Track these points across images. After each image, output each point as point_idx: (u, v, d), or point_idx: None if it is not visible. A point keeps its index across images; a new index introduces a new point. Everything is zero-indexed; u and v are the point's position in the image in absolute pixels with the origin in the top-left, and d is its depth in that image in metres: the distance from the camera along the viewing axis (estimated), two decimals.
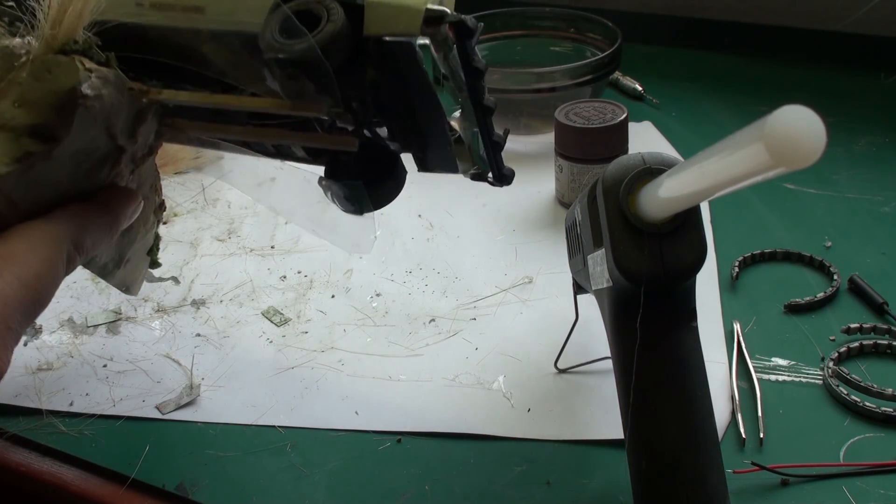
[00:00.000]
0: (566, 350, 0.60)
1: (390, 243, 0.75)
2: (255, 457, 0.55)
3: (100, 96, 0.41)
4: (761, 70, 1.00)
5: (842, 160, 0.82)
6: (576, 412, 0.57)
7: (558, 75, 0.85)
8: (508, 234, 0.75)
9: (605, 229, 0.43)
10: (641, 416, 0.44)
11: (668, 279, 0.42)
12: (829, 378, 0.56)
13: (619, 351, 0.46)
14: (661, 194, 0.39)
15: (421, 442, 0.56)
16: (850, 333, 0.60)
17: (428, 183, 0.84)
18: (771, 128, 0.27)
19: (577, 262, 0.53)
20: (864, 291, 0.64)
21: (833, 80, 0.96)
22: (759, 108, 0.90)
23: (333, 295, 0.69)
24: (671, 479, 0.43)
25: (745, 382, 0.57)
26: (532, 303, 0.67)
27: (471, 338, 0.64)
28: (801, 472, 0.50)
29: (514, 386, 0.59)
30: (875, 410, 0.54)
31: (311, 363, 0.62)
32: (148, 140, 0.48)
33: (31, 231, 0.41)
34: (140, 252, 0.57)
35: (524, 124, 0.89)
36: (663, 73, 1.01)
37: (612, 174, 0.43)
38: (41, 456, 0.57)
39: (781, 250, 0.69)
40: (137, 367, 0.63)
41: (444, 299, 0.68)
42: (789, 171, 0.28)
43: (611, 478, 0.52)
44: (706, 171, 0.33)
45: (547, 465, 0.53)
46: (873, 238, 0.71)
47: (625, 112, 0.75)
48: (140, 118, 0.45)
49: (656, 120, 0.91)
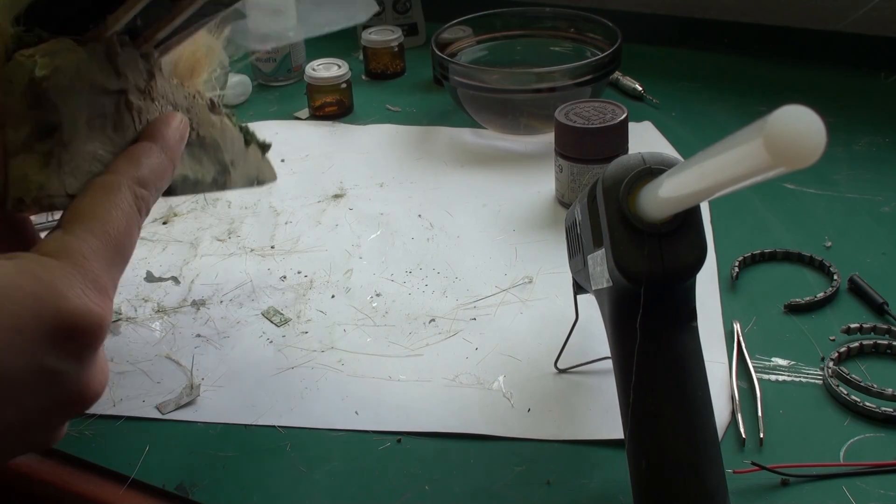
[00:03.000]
0: (566, 350, 0.60)
1: (390, 243, 0.75)
2: (255, 457, 0.55)
3: (57, 68, 0.41)
4: (761, 70, 1.00)
5: (842, 160, 0.82)
6: (576, 412, 0.57)
7: (558, 75, 0.85)
8: (508, 234, 0.75)
9: (605, 229, 0.43)
10: (641, 416, 0.44)
11: (668, 279, 0.42)
12: (829, 378, 0.56)
13: (619, 351, 0.46)
14: (661, 194, 0.39)
15: (421, 442, 0.56)
16: (850, 333, 0.60)
17: (428, 183, 0.85)
18: (771, 128, 0.27)
19: (577, 262, 0.53)
20: (864, 291, 0.64)
21: (833, 80, 0.96)
22: (758, 108, 0.90)
23: (333, 295, 0.69)
24: (671, 479, 0.43)
25: (745, 382, 0.57)
26: (532, 303, 0.67)
27: (471, 338, 0.64)
28: (801, 472, 0.50)
29: (514, 386, 0.59)
30: (875, 410, 0.54)
31: (311, 363, 0.62)
32: (137, 67, 0.47)
33: (88, 190, 0.41)
34: (238, 148, 0.58)
35: (524, 124, 0.89)
36: (663, 73, 1.01)
37: (612, 174, 0.43)
38: (41, 456, 0.57)
39: (781, 250, 0.69)
40: (137, 367, 0.63)
41: (444, 299, 0.68)
42: (789, 171, 0.28)
43: (611, 478, 0.52)
44: (706, 171, 0.33)
45: (547, 465, 0.53)
46: (873, 238, 0.71)
47: (625, 112, 0.75)
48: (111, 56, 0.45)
49: (656, 120, 0.91)
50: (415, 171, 0.87)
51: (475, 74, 0.87)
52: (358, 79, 1.05)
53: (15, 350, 0.32)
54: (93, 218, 0.39)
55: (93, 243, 0.37)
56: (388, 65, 1.07)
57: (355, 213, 0.80)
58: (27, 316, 0.33)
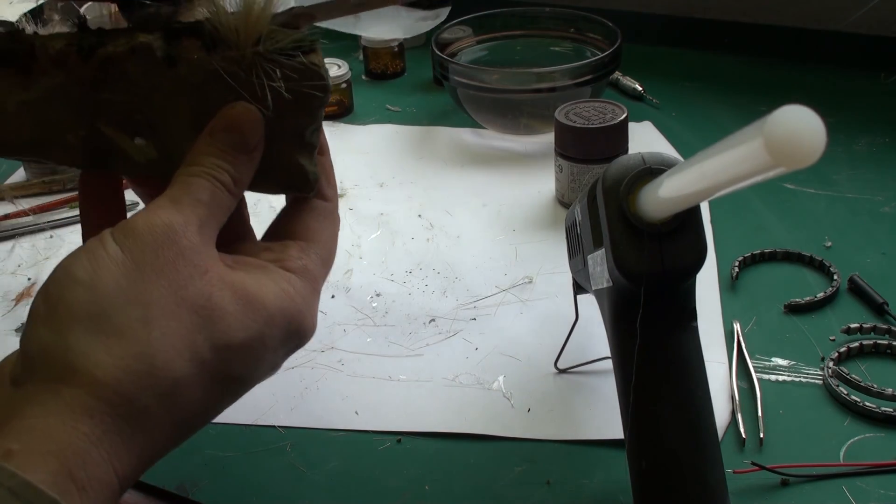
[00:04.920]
0: (566, 350, 0.60)
1: (390, 243, 0.75)
2: (255, 457, 0.55)
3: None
4: (761, 70, 1.00)
5: (842, 160, 0.82)
6: (576, 412, 0.57)
7: (558, 75, 0.85)
8: (508, 234, 0.75)
9: (605, 229, 0.43)
10: (641, 416, 0.44)
11: (668, 279, 0.42)
12: (829, 378, 0.56)
13: (619, 351, 0.46)
14: (661, 194, 0.39)
15: (421, 442, 0.56)
16: (850, 333, 0.60)
17: (428, 183, 0.85)
18: (771, 128, 0.27)
19: (577, 262, 0.53)
20: (864, 291, 0.64)
21: (833, 80, 0.96)
22: (759, 109, 0.90)
23: (333, 295, 0.69)
24: (671, 479, 0.43)
25: (745, 382, 0.57)
26: (532, 303, 0.67)
27: (471, 338, 0.64)
28: (801, 472, 0.50)
29: (514, 386, 0.59)
30: (875, 410, 0.54)
31: (311, 363, 0.62)
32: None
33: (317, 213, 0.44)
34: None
35: (524, 124, 0.89)
36: (663, 73, 1.01)
37: (612, 174, 0.43)
38: None
39: (781, 250, 0.69)
40: None
41: (444, 299, 0.68)
42: (789, 171, 0.28)
43: (611, 478, 0.52)
44: (706, 171, 0.33)
45: (547, 465, 0.53)
46: (873, 238, 0.71)
47: (625, 112, 0.75)
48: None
49: (656, 120, 0.91)
50: (415, 171, 0.87)
51: (475, 74, 0.87)
52: (358, 79, 1.05)
53: (268, 356, 0.40)
54: (321, 244, 0.43)
55: (322, 271, 0.43)
56: (388, 65, 1.07)
57: (355, 213, 0.80)
58: (281, 335, 0.40)
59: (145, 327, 0.35)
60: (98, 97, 0.42)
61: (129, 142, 0.43)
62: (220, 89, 0.41)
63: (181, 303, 0.36)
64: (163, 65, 0.41)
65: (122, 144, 0.43)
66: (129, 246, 0.36)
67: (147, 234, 0.37)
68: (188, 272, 0.37)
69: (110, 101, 0.42)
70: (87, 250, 0.37)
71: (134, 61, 0.41)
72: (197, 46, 0.41)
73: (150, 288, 0.36)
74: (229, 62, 0.41)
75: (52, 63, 0.42)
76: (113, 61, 0.41)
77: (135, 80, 0.42)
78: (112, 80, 0.42)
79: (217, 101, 0.41)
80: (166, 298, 0.36)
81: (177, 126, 0.42)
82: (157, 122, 0.42)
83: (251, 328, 0.38)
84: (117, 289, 0.35)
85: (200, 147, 0.40)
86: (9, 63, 0.42)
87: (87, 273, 0.36)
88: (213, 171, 0.40)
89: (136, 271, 0.36)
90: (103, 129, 0.42)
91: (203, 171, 0.40)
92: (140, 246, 0.36)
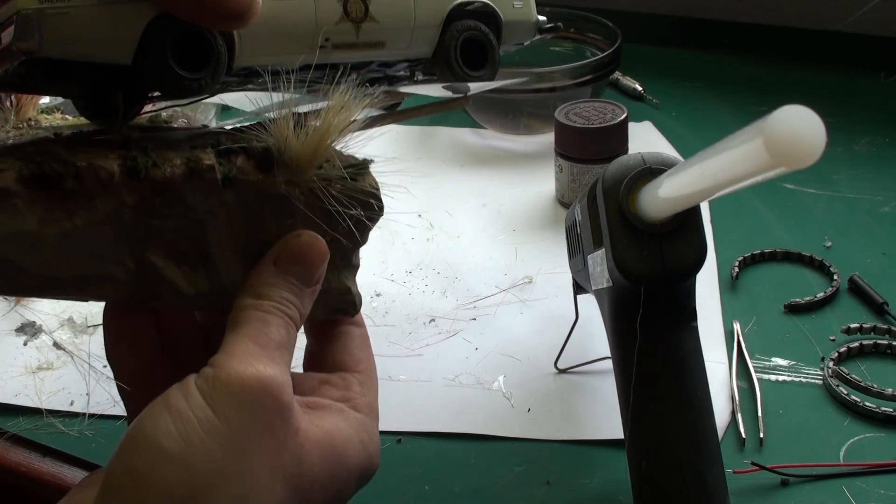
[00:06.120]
0: (566, 350, 0.60)
1: (390, 243, 0.75)
2: None
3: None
4: (761, 70, 1.00)
5: (842, 160, 0.82)
6: (576, 412, 0.57)
7: (558, 75, 0.85)
8: (508, 234, 0.75)
9: (605, 229, 0.43)
10: (641, 416, 0.44)
11: (668, 279, 0.42)
12: (829, 378, 0.56)
13: (619, 351, 0.46)
14: (661, 194, 0.39)
15: (421, 442, 0.56)
16: (850, 333, 0.60)
17: (428, 183, 0.84)
18: (771, 128, 0.27)
19: (577, 262, 0.53)
20: (864, 291, 0.64)
21: (833, 80, 0.96)
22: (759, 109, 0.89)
23: None
24: (671, 479, 0.43)
25: (745, 382, 0.57)
26: (532, 303, 0.67)
27: (471, 338, 0.64)
28: (801, 472, 0.50)
29: (514, 386, 0.59)
30: (875, 410, 0.54)
31: None
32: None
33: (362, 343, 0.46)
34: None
35: (524, 124, 0.89)
36: (663, 73, 1.01)
37: (612, 174, 0.43)
38: (41, 456, 0.57)
39: (781, 250, 0.69)
40: None
41: (444, 299, 0.68)
42: (789, 171, 0.28)
43: (611, 478, 0.52)
44: (706, 171, 0.33)
45: (547, 465, 0.53)
46: (873, 238, 0.71)
47: (625, 112, 0.75)
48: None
49: (656, 120, 0.91)
50: (415, 170, 0.87)
51: None
52: None
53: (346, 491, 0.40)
54: (372, 375, 0.44)
55: (375, 404, 0.44)
56: None
57: None
58: (356, 486, 0.40)
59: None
60: (150, 223, 0.37)
61: (176, 271, 0.38)
62: (275, 212, 0.39)
63: (276, 473, 0.34)
64: (219, 187, 0.38)
65: (169, 275, 0.38)
66: (221, 406, 0.33)
67: (242, 392, 0.33)
68: (283, 434, 0.35)
69: (161, 228, 0.37)
70: (172, 410, 0.33)
71: (191, 184, 0.37)
72: (251, 167, 0.38)
73: (247, 459, 0.33)
74: (290, 185, 0.39)
75: (100, 186, 0.36)
76: (168, 184, 0.37)
77: (191, 204, 0.38)
78: (166, 204, 0.37)
79: (271, 225, 0.39)
80: (262, 469, 0.34)
81: (229, 252, 0.39)
82: (208, 249, 0.39)
83: (330, 490, 0.38)
84: (212, 464, 0.32)
85: (266, 278, 0.38)
86: (49, 187, 0.35)
87: (177, 445, 0.32)
88: (284, 307, 0.37)
89: (233, 440, 0.33)
90: (153, 260, 0.38)
91: (275, 307, 0.37)
92: (235, 405, 0.33)
